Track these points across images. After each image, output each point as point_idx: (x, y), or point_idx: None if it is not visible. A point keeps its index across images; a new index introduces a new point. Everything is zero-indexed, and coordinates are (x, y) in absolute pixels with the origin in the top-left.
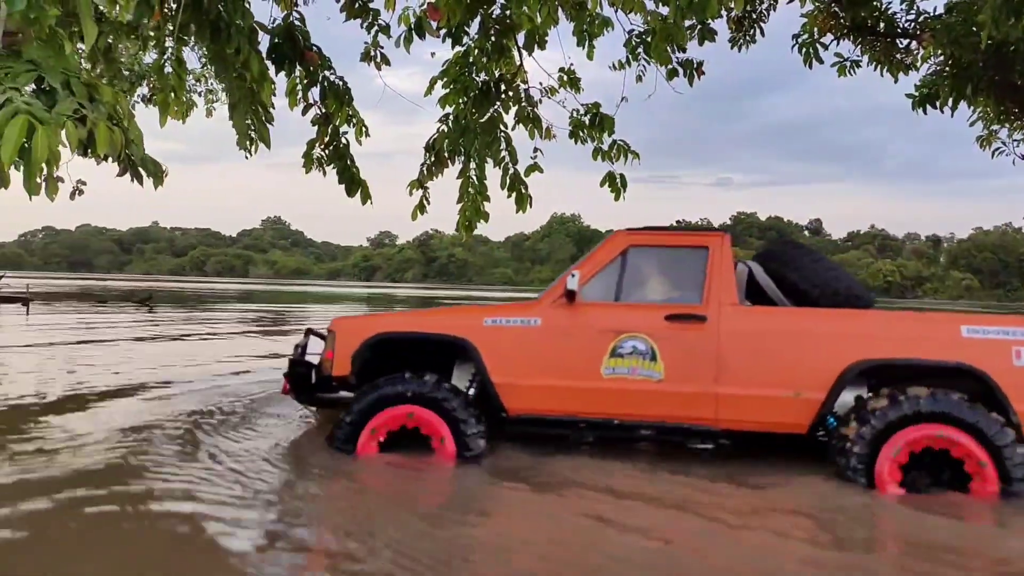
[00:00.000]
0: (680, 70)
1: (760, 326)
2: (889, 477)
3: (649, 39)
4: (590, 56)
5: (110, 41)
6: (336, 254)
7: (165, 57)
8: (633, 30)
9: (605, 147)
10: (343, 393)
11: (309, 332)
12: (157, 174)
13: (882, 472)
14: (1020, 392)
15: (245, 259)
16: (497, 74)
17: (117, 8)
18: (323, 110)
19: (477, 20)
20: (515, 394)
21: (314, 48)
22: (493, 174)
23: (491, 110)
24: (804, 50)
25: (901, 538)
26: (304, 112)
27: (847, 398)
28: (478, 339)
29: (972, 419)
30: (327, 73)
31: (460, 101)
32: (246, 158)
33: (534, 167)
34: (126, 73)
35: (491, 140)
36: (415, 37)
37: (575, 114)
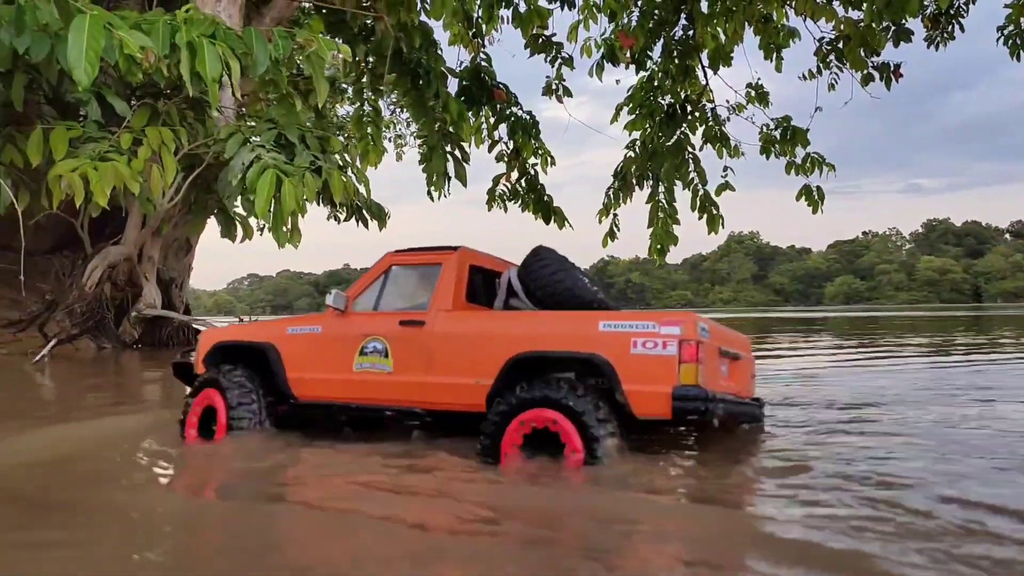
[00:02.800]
0: (876, 74)
1: (458, 327)
2: (511, 452)
3: (841, 45)
4: (778, 68)
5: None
6: None
7: (363, 108)
8: (823, 38)
9: (798, 160)
10: None
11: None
12: (381, 217)
13: (505, 449)
14: (630, 374)
15: None
16: (683, 96)
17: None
18: (511, 145)
19: (660, 44)
20: (300, 385)
21: (501, 86)
22: (681, 196)
23: (678, 132)
24: (1010, 42)
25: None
26: (490, 149)
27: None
28: (281, 344)
29: (567, 402)
30: (514, 109)
31: (646, 126)
32: (440, 198)
33: (725, 186)
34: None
35: (679, 162)
36: (607, 65)
37: (765, 129)
